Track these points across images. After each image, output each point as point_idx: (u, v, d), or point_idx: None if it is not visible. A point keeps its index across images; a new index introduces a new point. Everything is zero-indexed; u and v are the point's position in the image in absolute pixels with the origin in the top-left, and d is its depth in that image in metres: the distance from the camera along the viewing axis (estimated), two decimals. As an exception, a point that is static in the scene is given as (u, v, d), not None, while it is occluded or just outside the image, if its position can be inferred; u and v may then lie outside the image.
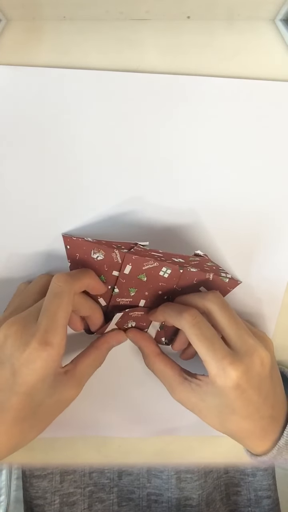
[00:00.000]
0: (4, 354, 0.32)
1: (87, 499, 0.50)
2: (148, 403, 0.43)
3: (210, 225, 0.39)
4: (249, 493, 0.54)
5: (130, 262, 0.37)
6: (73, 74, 0.36)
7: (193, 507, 0.50)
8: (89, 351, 0.37)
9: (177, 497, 0.50)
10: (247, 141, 0.37)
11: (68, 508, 0.50)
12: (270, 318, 0.42)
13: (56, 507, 0.50)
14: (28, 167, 0.37)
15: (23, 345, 0.31)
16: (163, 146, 0.37)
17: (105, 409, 0.43)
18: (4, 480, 0.48)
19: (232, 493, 0.54)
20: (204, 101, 0.36)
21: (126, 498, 0.50)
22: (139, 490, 0.51)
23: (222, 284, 0.39)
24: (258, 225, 0.39)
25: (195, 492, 0.51)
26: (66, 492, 0.50)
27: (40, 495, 0.50)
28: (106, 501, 0.50)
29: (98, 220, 0.38)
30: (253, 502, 0.53)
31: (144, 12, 0.35)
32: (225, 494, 0.54)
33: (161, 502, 0.50)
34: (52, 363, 0.32)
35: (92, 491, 0.50)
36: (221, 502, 0.53)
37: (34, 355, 0.31)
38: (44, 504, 0.50)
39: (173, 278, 0.38)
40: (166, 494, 0.50)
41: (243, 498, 0.54)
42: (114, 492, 0.51)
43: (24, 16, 0.35)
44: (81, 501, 0.50)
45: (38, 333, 0.31)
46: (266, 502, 0.53)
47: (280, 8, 0.34)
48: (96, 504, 0.50)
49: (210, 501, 0.52)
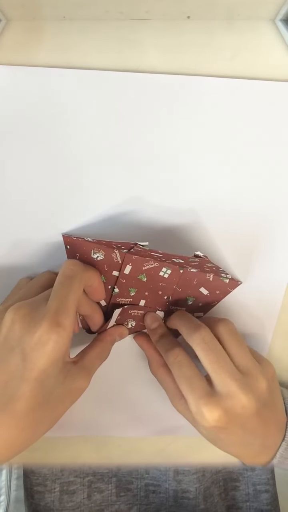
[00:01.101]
0: (13, 339, 0.31)
1: (87, 489, 0.50)
2: (148, 403, 0.43)
3: (210, 225, 0.39)
4: (247, 488, 0.54)
5: (130, 262, 0.37)
6: (73, 74, 0.36)
7: (190, 500, 0.51)
8: (94, 344, 0.37)
9: (174, 489, 0.51)
10: (247, 141, 0.37)
11: (68, 496, 0.50)
12: (270, 318, 0.41)
13: (56, 495, 0.50)
14: (28, 167, 0.37)
15: (33, 328, 0.30)
16: (163, 146, 0.37)
17: (105, 409, 0.43)
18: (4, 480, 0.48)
19: (230, 488, 0.54)
20: (204, 101, 0.36)
21: (124, 489, 0.51)
22: (137, 481, 0.51)
23: (222, 284, 0.39)
24: (258, 225, 0.39)
25: (192, 485, 0.51)
26: (66, 480, 0.50)
27: (40, 481, 0.50)
28: (105, 491, 0.50)
29: (98, 220, 0.38)
30: (251, 497, 0.53)
31: (144, 12, 0.35)
32: (224, 489, 0.54)
33: (159, 493, 0.51)
34: (63, 346, 0.31)
35: (91, 481, 0.51)
36: (219, 497, 0.53)
37: (45, 337, 0.30)
38: (44, 491, 0.50)
39: (173, 278, 0.38)
40: (164, 485, 0.51)
41: (242, 493, 0.54)
42: (112, 482, 0.51)
43: (24, 16, 0.35)
44: (81, 491, 0.50)
45: (49, 314, 0.31)
46: (264, 496, 0.54)
47: (280, 8, 0.34)
48: (95, 494, 0.50)
49: (207, 495, 0.52)
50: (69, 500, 0.50)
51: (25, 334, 0.31)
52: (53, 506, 0.50)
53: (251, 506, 0.53)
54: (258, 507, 0.53)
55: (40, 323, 0.30)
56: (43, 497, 0.50)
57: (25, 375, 0.31)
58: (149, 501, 0.51)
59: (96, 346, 0.37)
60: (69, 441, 0.45)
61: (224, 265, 0.40)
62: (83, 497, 0.50)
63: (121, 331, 0.39)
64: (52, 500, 0.50)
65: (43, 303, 0.32)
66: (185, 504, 0.51)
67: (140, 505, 0.51)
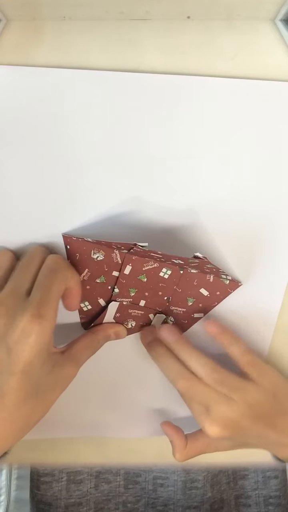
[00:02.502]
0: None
1: (94, 479, 0.51)
2: (148, 403, 0.43)
3: (209, 226, 0.39)
4: (257, 476, 0.54)
5: (130, 263, 0.37)
6: (73, 74, 0.36)
7: (199, 489, 0.51)
8: (85, 335, 0.38)
9: (183, 480, 0.51)
10: (247, 141, 0.37)
11: (75, 485, 0.51)
12: (271, 319, 0.41)
13: (63, 484, 0.51)
14: (28, 167, 0.37)
15: (16, 321, 0.31)
16: (163, 146, 0.37)
17: (105, 410, 0.43)
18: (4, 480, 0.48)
19: (239, 477, 0.54)
20: (204, 101, 0.36)
21: (133, 481, 0.51)
22: (146, 473, 0.52)
23: (223, 285, 0.39)
24: (258, 226, 0.39)
25: (201, 473, 0.52)
26: (73, 470, 0.51)
27: (48, 472, 0.51)
28: (113, 482, 0.51)
29: (98, 220, 0.38)
30: (260, 484, 0.54)
31: (144, 12, 0.35)
32: (232, 478, 0.54)
33: (167, 486, 0.51)
34: (46, 336, 0.31)
35: (99, 472, 0.52)
36: (228, 486, 0.53)
37: (28, 329, 0.31)
38: (52, 481, 0.51)
39: (174, 279, 0.38)
40: (172, 477, 0.51)
41: (251, 482, 0.54)
42: (120, 474, 0.52)
43: (24, 16, 0.35)
44: (88, 480, 0.51)
45: (31, 306, 0.31)
46: (273, 482, 0.54)
47: (280, 8, 0.34)
48: (102, 484, 0.51)
49: (215, 483, 0.52)
50: (76, 489, 0.51)
51: (8, 329, 0.31)
52: (60, 495, 0.51)
53: (260, 494, 0.54)
54: (267, 494, 0.54)
55: (22, 315, 0.31)
56: (50, 486, 0.51)
57: (11, 368, 0.31)
58: (157, 495, 0.51)
59: (85, 338, 0.37)
60: (69, 441, 0.45)
61: (224, 266, 0.40)
62: (90, 486, 0.51)
63: (117, 330, 0.39)
64: (60, 489, 0.51)
65: (25, 295, 0.33)
66: (193, 495, 0.51)
67: (148, 498, 0.51)
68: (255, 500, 0.53)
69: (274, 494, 0.54)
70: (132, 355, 0.42)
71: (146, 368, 0.41)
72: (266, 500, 0.53)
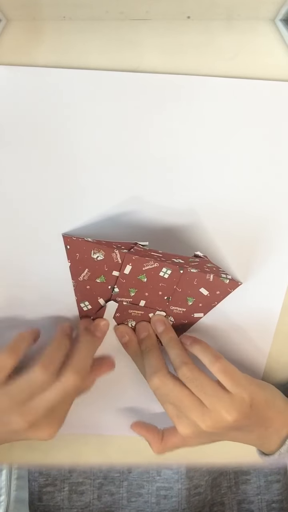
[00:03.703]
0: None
1: (97, 490, 0.51)
2: (148, 402, 0.43)
3: (210, 225, 0.39)
4: (259, 480, 0.54)
5: (130, 263, 0.37)
6: (73, 74, 0.36)
7: (201, 494, 0.51)
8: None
9: (187, 487, 0.50)
10: (247, 141, 0.37)
11: (77, 496, 0.51)
12: (271, 319, 0.41)
13: (65, 494, 0.50)
14: (28, 167, 0.37)
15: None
16: (163, 146, 0.37)
17: (106, 408, 0.43)
18: (4, 480, 0.48)
19: (241, 481, 0.54)
20: (204, 101, 0.36)
21: (136, 493, 0.51)
22: (149, 484, 0.51)
23: (223, 285, 0.39)
24: (258, 225, 0.39)
25: (203, 478, 0.51)
26: (75, 481, 0.51)
27: (50, 482, 0.50)
28: (116, 495, 0.51)
29: (98, 220, 0.38)
30: (262, 489, 0.53)
31: (144, 12, 0.35)
32: (234, 482, 0.54)
33: (170, 498, 0.51)
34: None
35: (102, 483, 0.51)
36: (229, 489, 0.53)
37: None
38: (54, 491, 0.50)
39: (173, 278, 0.38)
40: (176, 486, 0.51)
41: (253, 486, 0.54)
42: (123, 486, 0.51)
43: (24, 16, 0.35)
44: (90, 491, 0.51)
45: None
46: (275, 486, 0.53)
47: (280, 8, 0.34)
48: (105, 495, 0.51)
49: (214, 485, 0.52)
50: (78, 500, 0.50)
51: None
52: (63, 505, 0.50)
53: (263, 498, 0.53)
54: (269, 498, 0.53)
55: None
56: (53, 496, 0.50)
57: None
58: (160, 508, 0.50)
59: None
60: (69, 441, 0.45)
61: (224, 266, 0.40)
62: (93, 497, 0.50)
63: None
64: (62, 499, 0.50)
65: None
66: (196, 501, 0.51)
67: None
68: (258, 505, 0.53)
69: (276, 499, 0.53)
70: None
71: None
72: (269, 505, 0.53)
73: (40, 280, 0.40)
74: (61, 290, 0.39)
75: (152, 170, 0.38)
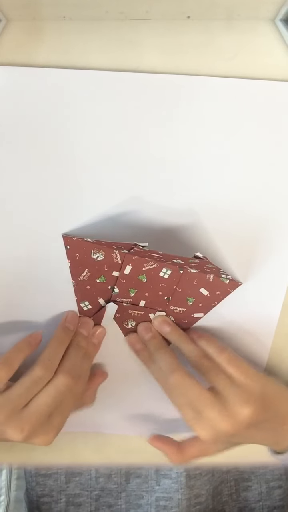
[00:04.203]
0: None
1: (94, 502, 0.50)
2: (149, 402, 0.43)
3: (210, 226, 0.39)
4: (260, 487, 0.53)
5: (130, 263, 0.37)
6: (73, 74, 0.36)
7: (202, 504, 0.50)
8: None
9: (188, 497, 0.50)
10: (247, 141, 0.37)
11: (74, 508, 0.50)
12: (271, 319, 0.41)
13: (62, 506, 0.50)
14: (28, 166, 0.37)
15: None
16: (163, 146, 0.37)
17: (106, 407, 0.43)
18: (4, 480, 0.48)
19: (242, 488, 0.53)
20: (204, 101, 0.36)
21: (135, 504, 0.50)
22: (148, 495, 0.50)
23: (223, 285, 0.39)
24: (258, 225, 0.39)
25: (204, 487, 0.50)
26: (72, 492, 0.50)
27: (46, 493, 0.50)
28: (114, 506, 0.50)
29: (98, 220, 0.38)
30: (264, 496, 0.53)
31: (144, 12, 0.35)
32: (235, 489, 0.53)
33: (171, 508, 0.49)
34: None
35: (99, 495, 0.50)
36: (230, 497, 0.52)
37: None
38: (51, 502, 0.50)
39: (173, 279, 0.38)
40: (176, 496, 0.50)
41: (254, 493, 0.53)
42: (122, 497, 0.50)
43: (24, 16, 0.35)
44: (88, 503, 0.50)
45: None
46: (277, 492, 0.53)
47: (280, 8, 0.34)
48: (103, 508, 0.50)
49: (215, 494, 0.51)
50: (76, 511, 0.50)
51: None
52: None
53: (264, 505, 0.53)
54: (271, 505, 0.53)
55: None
56: (50, 507, 0.50)
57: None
58: None
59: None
60: (69, 441, 0.45)
61: (224, 266, 0.40)
62: (91, 510, 0.50)
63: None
64: (59, 511, 0.50)
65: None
66: (197, 511, 0.50)
67: None
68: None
69: (278, 505, 0.53)
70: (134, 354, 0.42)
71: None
72: (270, 511, 0.53)
73: (40, 280, 0.40)
74: (61, 290, 0.39)
75: (152, 170, 0.38)
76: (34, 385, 0.35)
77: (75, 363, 0.37)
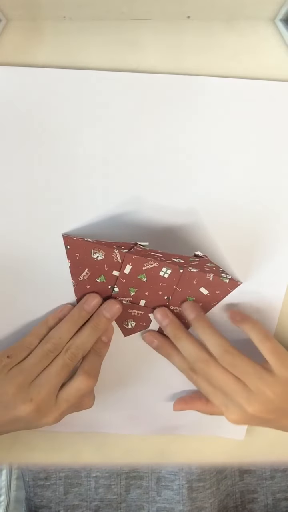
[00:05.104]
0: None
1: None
2: (149, 401, 0.43)
3: (210, 225, 0.39)
4: (266, 498, 0.52)
5: (130, 262, 0.37)
6: (73, 74, 0.36)
7: None
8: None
9: (189, 509, 0.49)
10: (247, 141, 0.37)
11: None
12: (271, 318, 0.41)
13: None
14: (28, 167, 0.37)
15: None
16: (163, 146, 0.37)
17: (106, 406, 0.43)
18: (4, 480, 0.48)
19: (248, 501, 0.52)
20: (204, 101, 0.36)
21: None
22: (149, 505, 0.49)
23: (223, 284, 0.39)
24: (258, 225, 0.39)
25: (207, 501, 0.49)
26: (70, 504, 0.50)
27: (45, 504, 0.49)
28: None
29: (98, 220, 0.38)
30: (270, 507, 0.52)
31: (144, 12, 0.35)
32: (240, 502, 0.52)
33: None
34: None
35: (99, 506, 0.50)
36: (235, 510, 0.51)
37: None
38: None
39: (173, 278, 0.38)
40: (177, 507, 0.49)
41: (260, 505, 0.52)
42: (122, 508, 0.50)
43: (24, 16, 0.35)
44: None
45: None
46: (284, 504, 0.52)
47: (280, 8, 0.34)
48: None
49: (221, 508, 0.50)
50: None
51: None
52: None
53: None
54: None
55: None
56: None
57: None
58: None
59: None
60: (69, 441, 0.45)
61: (224, 265, 0.40)
62: None
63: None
64: None
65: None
66: None
67: None
68: None
69: None
70: (134, 353, 0.42)
71: (149, 366, 0.41)
72: None
73: (40, 280, 0.40)
74: (61, 290, 0.39)
75: (152, 170, 0.38)
76: (45, 359, 0.36)
77: (84, 338, 0.38)
